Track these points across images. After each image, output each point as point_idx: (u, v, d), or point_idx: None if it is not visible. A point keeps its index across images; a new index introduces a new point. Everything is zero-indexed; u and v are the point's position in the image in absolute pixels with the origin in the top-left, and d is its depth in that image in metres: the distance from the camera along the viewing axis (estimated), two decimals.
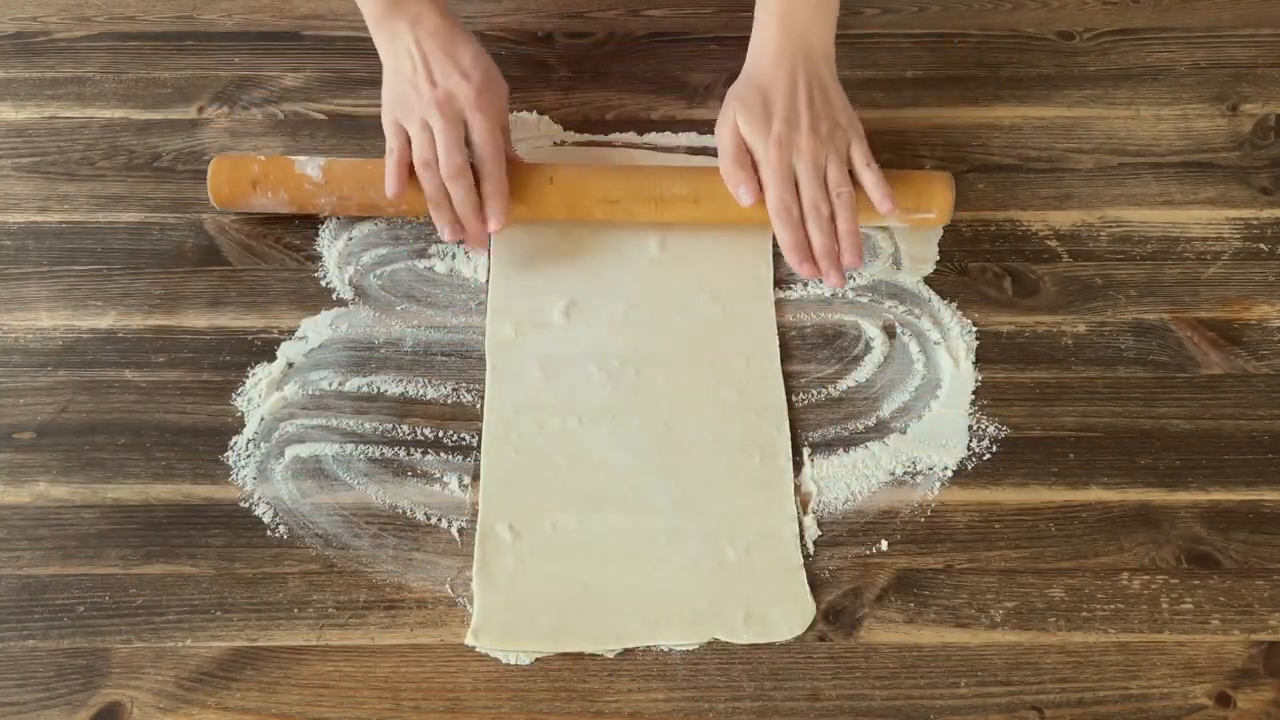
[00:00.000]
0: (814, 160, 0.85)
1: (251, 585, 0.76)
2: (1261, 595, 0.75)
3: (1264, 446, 0.82)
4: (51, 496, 0.80)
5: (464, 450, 0.82)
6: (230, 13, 1.10)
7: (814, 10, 0.89)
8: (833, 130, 0.87)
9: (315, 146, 0.99)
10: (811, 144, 0.86)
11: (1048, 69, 1.05)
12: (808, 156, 0.85)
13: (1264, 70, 1.05)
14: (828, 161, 0.86)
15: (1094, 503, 0.79)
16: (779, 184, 0.85)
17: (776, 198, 0.85)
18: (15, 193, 0.96)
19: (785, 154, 0.85)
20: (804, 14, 0.88)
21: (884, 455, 0.81)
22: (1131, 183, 0.97)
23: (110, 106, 1.02)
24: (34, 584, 0.76)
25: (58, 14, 1.10)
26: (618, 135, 1.00)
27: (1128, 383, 0.85)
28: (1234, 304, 0.89)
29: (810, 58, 0.88)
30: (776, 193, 0.85)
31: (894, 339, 0.88)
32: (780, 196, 0.85)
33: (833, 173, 0.86)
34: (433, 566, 0.76)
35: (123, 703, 0.71)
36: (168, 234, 0.93)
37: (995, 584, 0.76)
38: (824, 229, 0.84)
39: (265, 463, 0.81)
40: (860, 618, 0.74)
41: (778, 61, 0.88)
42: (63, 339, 0.87)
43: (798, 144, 0.86)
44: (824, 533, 0.78)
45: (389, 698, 0.71)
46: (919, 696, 0.71)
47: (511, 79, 1.04)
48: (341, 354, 0.86)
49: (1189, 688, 0.72)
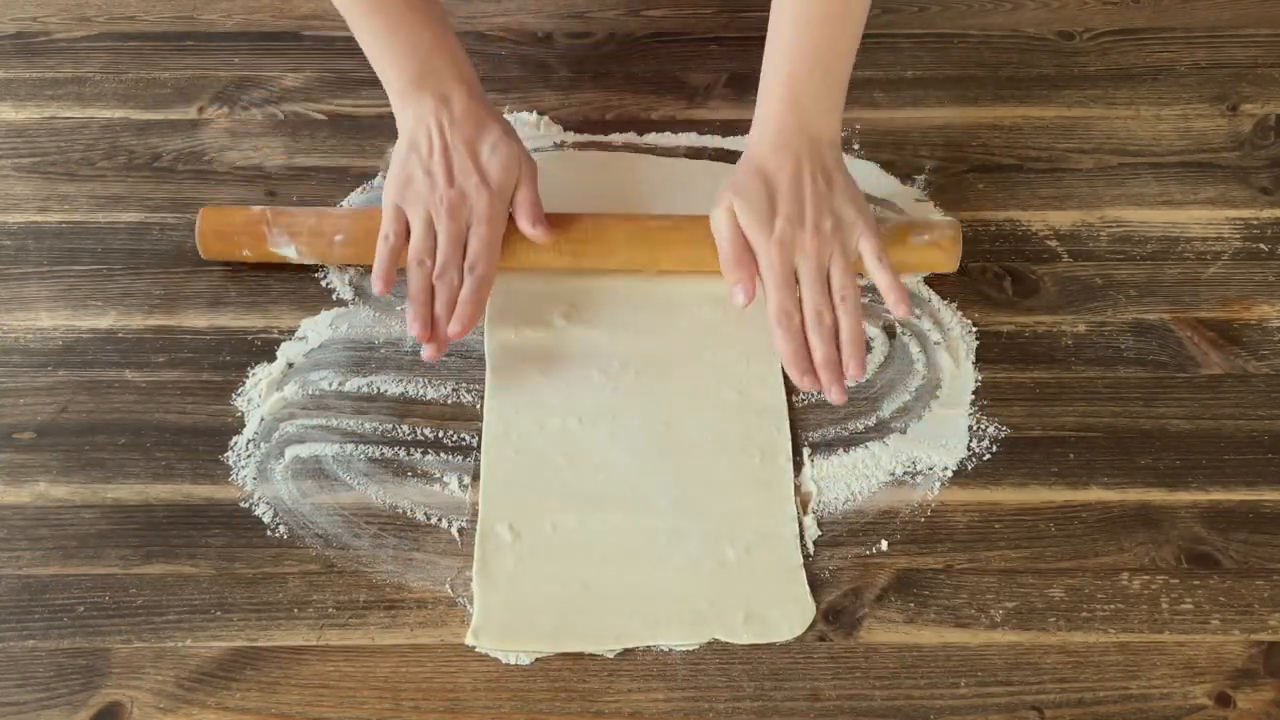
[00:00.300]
0: (818, 262, 0.81)
1: (251, 585, 0.76)
2: (1261, 595, 0.75)
3: (1264, 446, 0.82)
4: (51, 496, 0.80)
5: (464, 450, 0.82)
6: (230, 13, 1.10)
7: (822, 96, 0.84)
8: (838, 227, 0.82)
9: (315, 146, 0.99)
10: (815, 244, 0.81)
11: (1048, 69, 1.05)
12: (812, 258, 0.80)
13: (1264, 70, 1.05)
14: (832, 262, 0.81)
15: (1094, 503, 0.79)
16: (780, 290, 0.80)
17: (778, 305, 0.80)
18: (15, 193, 0.96)
19: (788, 255, 0.80)
20: (811, 100, 0.84)
21: (884, 455, 0.81)
22: (1131, 183, 0.97)
23: (110, 106, 1.02)
24: (34, 584, 0.76)
25: (58, 14, 1.10)
26: (618, 135, 1.00)
27: (1128, 383, 0.85)
28: (1234, 304, 0.89)
29: (816, 144, 0.83)
30: (778, 299, 0.80)
31: (894, 339, 0.88)
32: (781, 304, 0.80)
33: (837, 275, 0.81)
34: (433, 566, 0.76)
35: (123, 703, 0.71)
36: (168, 234, 0.93)
37: (995, 584, 0.76)
38: (826, 338, 0.79)
39: (265, 463, 0.81)
40: (860, 618, 0.74)
41: (782, 150, 0.83)
42: (63, 339, 0.87)
43: (801, 243, 0.81)
44: (824, 533, 0.78)
45: (389, 698, 0.71)
46: (919, 696, 0.71)
47: (511, 79, 1.05)
48: (341, 354, 0.86)
49: (1189, 688, 0.72)
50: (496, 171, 0.85)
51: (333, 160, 0.98)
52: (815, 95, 0.84)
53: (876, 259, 0.82)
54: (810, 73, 0.84)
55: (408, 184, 0.85)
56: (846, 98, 0.86)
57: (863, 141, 0.99)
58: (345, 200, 0.95)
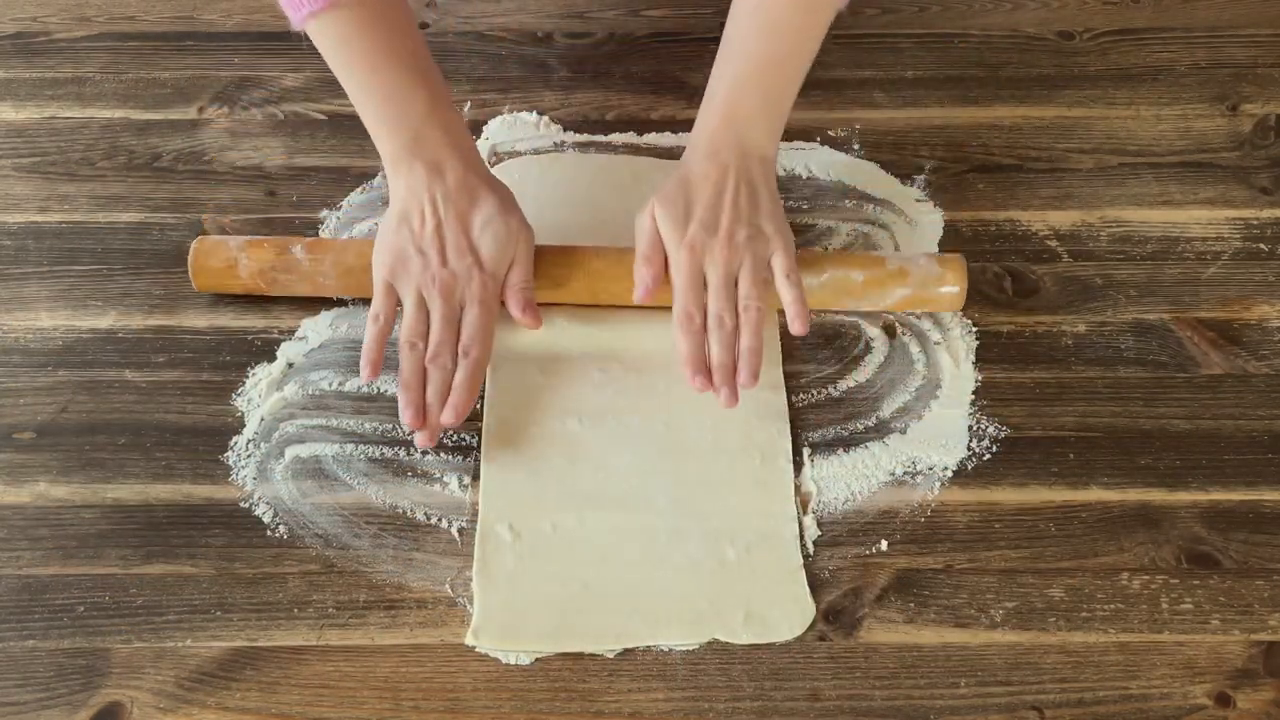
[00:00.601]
0: (726, 268, 0.80)
1: (251, 585, 0.76)
2: (1261, 595, 0.75)
3: (1264, 446, 0.82)
4: (51, 496, 0.80)
5: (464, 450, 0.82)
6: (230, 13, 1.10)
7: (759, 110, 0.83)
8: (752, 238, 0.81)
9: (315, 146, 0.99)
10: (726, 252, 0.80)
11: (1048, 69, 1.05)
12: (720, 265, 0.80)
13: (1264, 70, 1.05)
14: (740, 271, 0.81)
15: (1094, 503, 0.79)
16: (685, 291, 0.80)
17: (680, 305, 0.80)
18: (15, 193, 0.96)
19: (696, 259, 0.81)
20: (748, 112, 0.83)
21: (884, 455, 0.81)
22: (1131, 183, 0.97)
23: (110, 106, 1.02)
24: (34, 584, 0.76)
25: (58, 14, 1.10)
26: (618, 135, 1.00)
27: (1128, 383, 0.85)
28: (1234, 304, 0.89)
29: (746, 157, 0.83)
30: (681, 300, 0.80)
31: (894, 339, 0.88)
32: (684, 304, 0.80)
33: (744, 285, 0.80)
34: (433, 566, 0.76)
35: (123, 703, 0.71)
36: (168, 234, 0.93)
37: (995, 584, 0.76)
38: (724, 343, 0.79)
39: (265, 463, 0.81)
40: (860, 618, 0.74)
41: (710, 158, 0.82)
42: (63, 339, 0.87)
43: (712, 250, 0.81)
44: (824, 533, 0.78)
45: (389, 698, 0.71)
46: (919, 696, 0.71)
47: (511, 79, 1.05)
48: (341, 354, 0.86)
49: (1189, 688, 0.72)
50: (490, 250, 0.83)
51: (333, 160, 0.98)
52: (753, 109, 0.83)
53: (785, 274, 0.81)
54: (751, 86, 0.83)
55: (400, 261, 0.82)
56: (846, 98, 0.86)
57: (863, 141, 0.99)
58: (345, 200, 0.95)
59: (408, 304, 0.82)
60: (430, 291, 0.82)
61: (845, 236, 0.94)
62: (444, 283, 0.82)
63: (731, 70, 0.84)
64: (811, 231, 0.94)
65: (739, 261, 0.81)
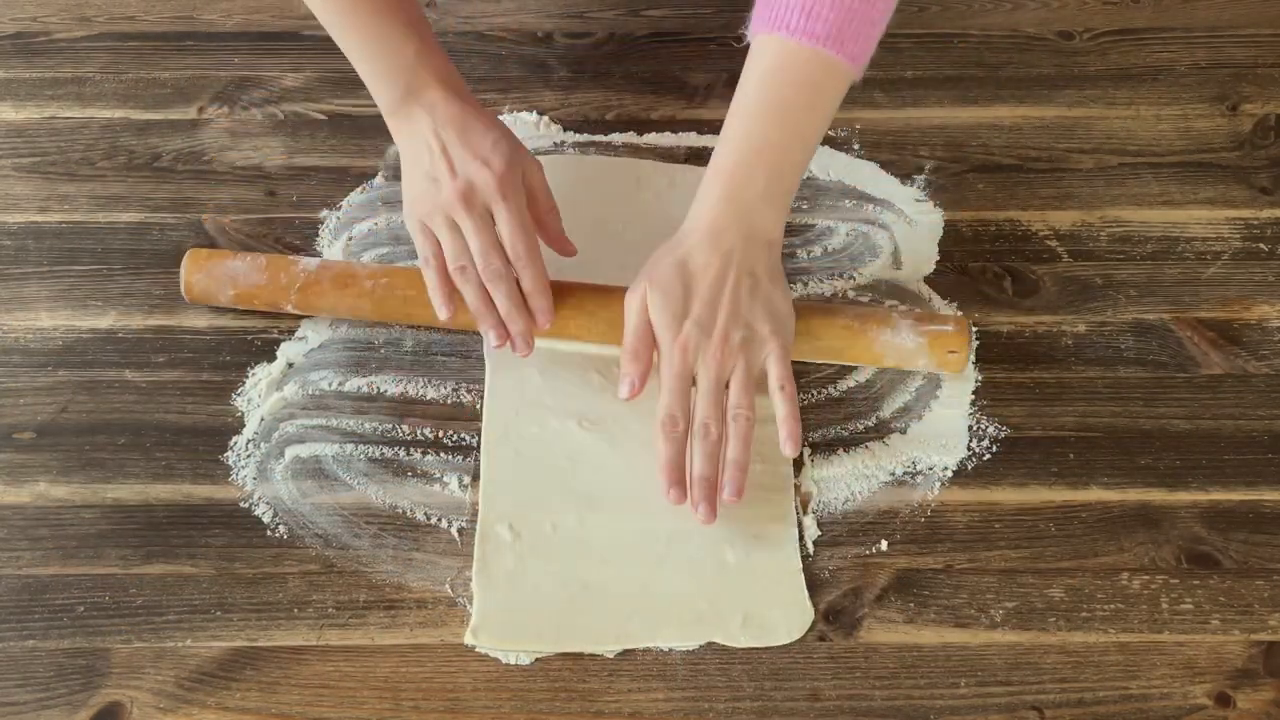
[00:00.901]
0: (718, 374, 0.77)
1: (251, 585, 0.76)
2: (1261, 595, 0.75)
3: (1264, 446, 0.82)
4: (51, 496, 0.80)
5: (464, 450, 0.82)
6: (230, 13, 1.10)
7: (764, 192, 0.79)
8: (748, 340, 0.77)
9: (315, 146, 0.99)
10: (720, 355, 0.76)
11: (1048, 69, 1.05)
12: (712, 368, 0.76)
13: (1264, 70, 1.05)
14: (732, 376, 0.77)
15: (1094, 503, 0.79)
16: (672, 394, 0.76)
17: (665, 408, 0.76)
18: (15, 193, 0.96)
19: (688, 360, 0.77)
20: (753, 194, 0.79)
21: (884, 455, 0.81)
22: (1131, 183, 0.97)
23: (110, 106, 1.02)
24: (34, 584, 0.76)
25: (58, 14, 1.10)
26: (618, 135, 1.00)
27: (1128, 383, 0.85)
28: (1234, 304, 0.89)
29: (751, 241, 0.79)
30: (666, 404, 0.76)
31: None
32: (669, 408, 0.76)
33: (734, 391, 0.77)
34: (433, 566, 0.76)
35: (123, 703, 0.71)
36: (168, 234, 0.93)
37: (995, 584, 0.76)
38: (708, 454, 0.75)
39: (265, 463, 0.81)
40: (860, 618, 0.74)
41: (712, 244, 0.78)
42: (63, 339, 0.87)
43: (705, 351, 0.77)
44: (824, 533, 0.78)
45: (389, 698, 0.71)
46: (919, 696, 0.71)
47: (511, 79, 1.05)
48: (341, 354, 0.86)
49: (1189, 688, 0.72)
50: (501, 162, 0.83)
51: (333, 160, 0.98)
52: (758, 191, 0.79)
53: (779, 385, 0.77)
54: (757, 167, 0.79)
55: (420, 199, 0.84)
56: (846, 98, 0.86)
57: (863, 141, 0.99)
58: (345, 200, 0.95)
59: (443, 234, 0.82)
60: (455, 209, 0.82)
61: (844, 236, 0.94)
62: (461, 192, 0.82)
63: (736, 149, 0.79)
64: (811, 231, 0.94)
65: (731, 365, 0.77)
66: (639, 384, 0.79)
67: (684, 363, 0.77)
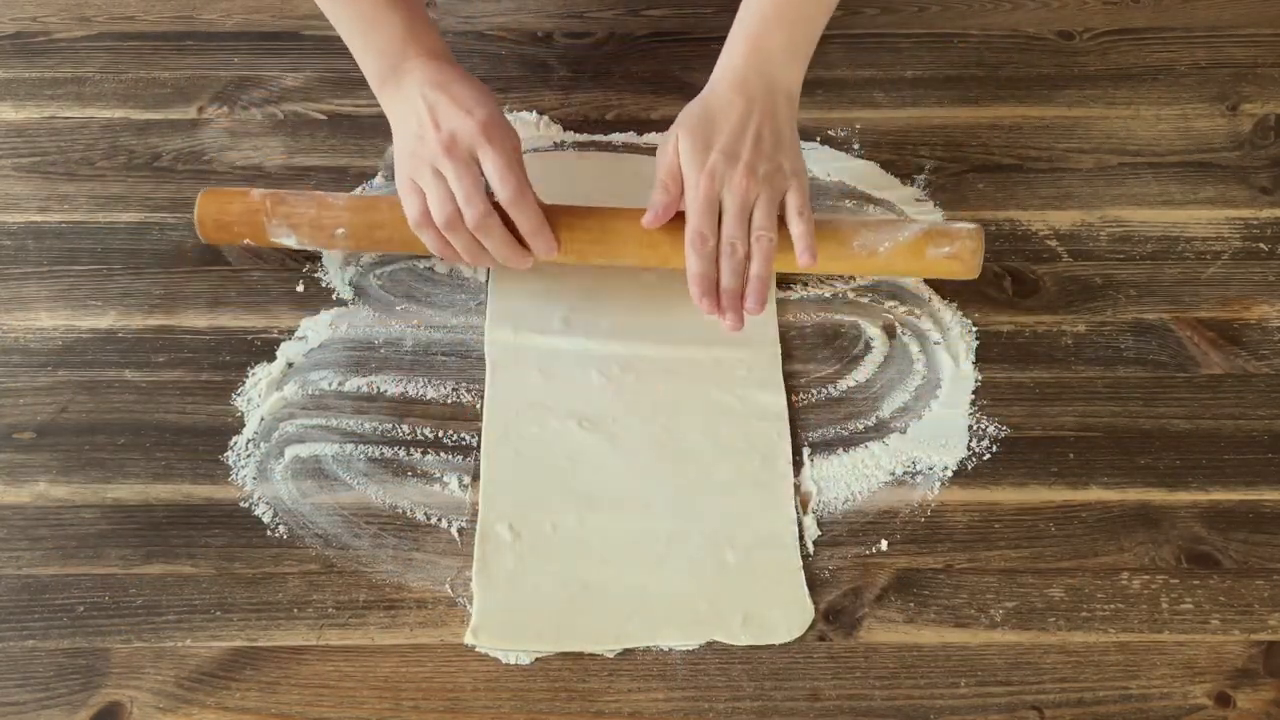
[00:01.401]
0: (743, 198, 0.81)
1: (251, 585, 0.76)
2: (1261, 595, 0.75)
3: (1264, 446, 0.82)
4: (51, 496, 0.80)
5: (464, 450, 0.82)
6: (230, 13, 1.10)
7: (787, 45, 0.84)
8: (772, 173, 0.81)
9: (315, 146, 0.99)
10: (745, 182, 0.80)
11: (1048, 69, 1.05)
12: (737, 193, 0.80)
13: (1264, 70, 1.05)
14: (756, 203, 0.81)
15: (1094, 503, 0.79)
16: (700, 215, 0.80)
17: (694, 227, 0.80)
18: (15, 193, 0.96)
19: (714, 186, 0.81)
20: (776, 46, 0.84)
21: (884, 455, 0.81)
22: (1131, 183, 0.97)
23: (110, 106, 1.02)
24: (34, 584, 0.76)
25: (58, 14, 1.10)
26: (618, 135, 1.00)
27: (1128, 383, 0.85)
28: (1234, 304, 0.89)
29: (772, 93, 0.83)
30: (694, 222, 0.80)
31: (894, 339, 0.88)
32: (698, 226, 0.80)
33: (759, 215, 0.81)
34: (433, 566, 0.76)
35: (123, 703, 0.71)
36: (168, 234, 0.93)
37: (995, 584, 0.76)
38: (734, 269, 0.80)
39: (265, 463, 0.81)
40: (860, 618, 0.74)
41: (736, 90, 0.83)
42: (63, 339, 0.87)
43: (730, 178, 0.81)
44: (824, 533, 0.78)
45: (389, 698, 0.71)
46: (919, 696, 0.71)
47: (511, 79, 1.05)
48: (341, 354, 0.86)
49: (1189, 688, 0.72)
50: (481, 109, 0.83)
51: (333, 160, 0.98)
52: (779, 45, 0.84)
53: (798, 211, 0.81)
54: (778, 24, 0.84)
55: (408, 158, 0.83)
56: (846, 98, 0.86)
57: (863, 141, 0.99)
58: None
59: (427, 185, 0.82)
60: (439, 158, 0.81)
61: None
62: (444, 143, 0.81)
63: (758, 7, 0.85)
64: None
65: (756, 193, 0.81)
66: (663, 212, 0.82)
67: (710, 188, 0.81)
